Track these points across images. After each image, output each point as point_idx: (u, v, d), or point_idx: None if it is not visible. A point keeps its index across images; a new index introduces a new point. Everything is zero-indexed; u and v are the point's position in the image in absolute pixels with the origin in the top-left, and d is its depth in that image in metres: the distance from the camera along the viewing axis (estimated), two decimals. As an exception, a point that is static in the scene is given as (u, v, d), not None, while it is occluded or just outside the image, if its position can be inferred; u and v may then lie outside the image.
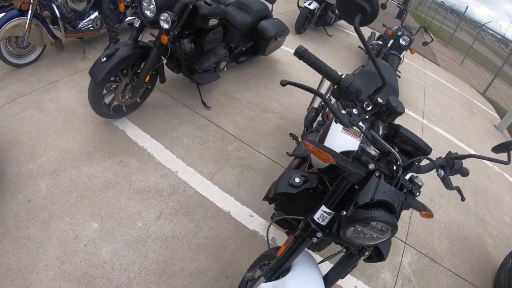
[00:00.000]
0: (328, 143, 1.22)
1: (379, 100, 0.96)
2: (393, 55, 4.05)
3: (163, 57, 2.34)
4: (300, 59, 0.96)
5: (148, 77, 2.25)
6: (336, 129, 1.26)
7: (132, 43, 2.12)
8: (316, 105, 2.27)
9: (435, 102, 4.96)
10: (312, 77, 3.88)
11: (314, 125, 2.27)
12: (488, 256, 2.56)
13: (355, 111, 0.92)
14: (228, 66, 3.10)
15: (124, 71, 2.19)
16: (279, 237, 2.01)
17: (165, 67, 2.55)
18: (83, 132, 2.27)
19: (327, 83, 2.33)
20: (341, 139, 1.21)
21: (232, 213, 2.05)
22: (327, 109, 2.03)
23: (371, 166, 0.93)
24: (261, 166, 2.45)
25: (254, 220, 2.05)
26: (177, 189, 2.08)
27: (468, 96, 6.48)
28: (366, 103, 0.94)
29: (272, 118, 3.00)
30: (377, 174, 0.94)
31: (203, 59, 2.66)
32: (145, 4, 2.09)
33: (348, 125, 0.90)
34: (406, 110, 4.00)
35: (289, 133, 2.26)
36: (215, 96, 3.03)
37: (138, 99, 2.45)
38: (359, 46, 5.31)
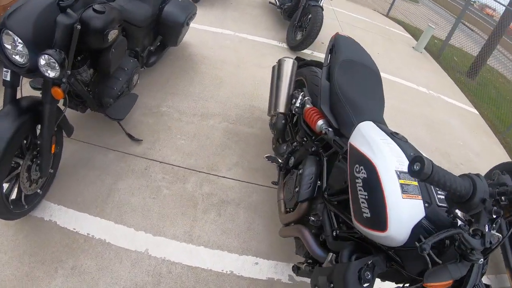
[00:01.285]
0: (392, 218, 0.98)
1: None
2: (315, 7, 3.61)
3: (63, 107, 1.65)
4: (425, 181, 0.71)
5: (53, 146, 1.58)
6: (392, 193, 0.99)
7: (11, 111, 1.40)
8: (282, 109, 2.00)
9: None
10: (233, 54, 3.48)
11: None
12: None
13: (486, 228, 0.74)
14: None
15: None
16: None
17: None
18: (5, 248, 1.57)
19: (283, 97, 2.06)
20: (406, 208, 0.97)
21: (235, 270, 1.79)
22: (302, 112, 1.81)
23: (481, 261, 0.82)
24: (234, 195, 2.15)
25: (262, 266, 1.85)
26: (160, 274, 1.67)
27: (381, 24, 6.90)
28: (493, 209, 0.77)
29: (216, 123, 2.62)
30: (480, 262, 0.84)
31: (111, 84, 2.00)
32: (8, 47, 1.34)
33: (480, 255, 0.73)
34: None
35: (265, 157, 1.98)
36: (138, 120, 2.42)
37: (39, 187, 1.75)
38: (270, 2, 4.87)
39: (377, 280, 1.08)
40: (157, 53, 2.65)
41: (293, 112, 1.91)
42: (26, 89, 1.62)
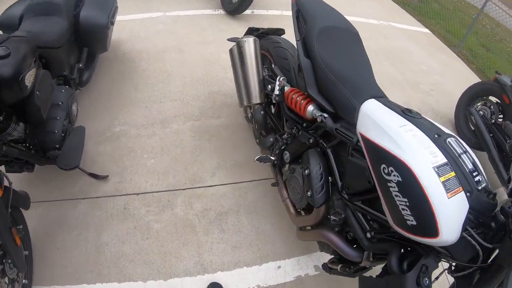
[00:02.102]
0: (442, 222, 0.90)
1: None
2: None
3: (8, 184, 1.34)
4: None
5: (17, 238, 1.30)
6: (437, 196, 0.90)
7: None
8: (257, 99, 1.81)
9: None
10: (170, 38, 3.09)
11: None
12: (439, 111, 3.05)
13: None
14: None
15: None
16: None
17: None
18: None
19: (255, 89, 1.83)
20: (453, 206, 0.91)
21: (261, 282, 1.72)
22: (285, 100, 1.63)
23: None
24: (229, 202, 2.02)
25: (285, 268, 1.80)
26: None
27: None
28: None
29: (180, 126, 2.37)
30: None
31: (50, 128, 1.67)
32: None
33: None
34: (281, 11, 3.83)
35: (256, 159, 1.81)
36: (94, 152, 2.11)
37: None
38: None
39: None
40: (88, 67, 2.25)
41: (273, 101, 1.73)
42: None
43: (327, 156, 1.42)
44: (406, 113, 1.14)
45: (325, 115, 1.39)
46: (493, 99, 2.83)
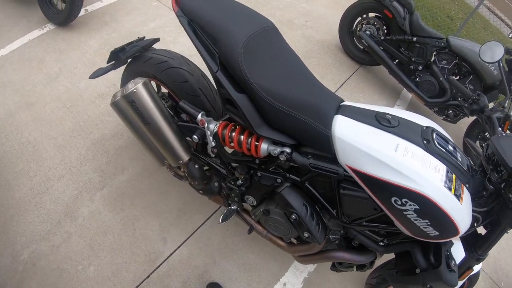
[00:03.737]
0: (459, 222, 0.97)
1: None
2: None
3: None
4: None
5: None
6: (454, 207, 0.95)
7: None
8: (185, 156, 1.46)
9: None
10: (13, 96, 2.32)
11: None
12: (324, 41, 3.00)
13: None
14: None
15: None
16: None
17: None
18: None
19: None
20: (465, 206, 0.98)
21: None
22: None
23: None
24: (200, 258, 1.78)
25: (290, 280, 1.78)
26: None
27: None
28: None
29: (91, 207, 1.91)
30: None
31: None
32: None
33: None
34: None
35: (220, 221, 1.50)
36: None
37: None
38: None
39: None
40: None
41: (211, 154, 1.40)
42: None
43: (305, 189, 1.25)
44: (383, 123, 1.03)
45: (287, 150, 1.16)
46: (372, 14, 2.90)
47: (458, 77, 2.68)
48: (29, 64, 2.52)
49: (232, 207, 1.52)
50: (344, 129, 1.04)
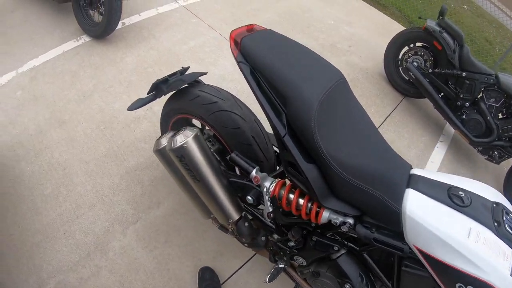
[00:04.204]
0: None
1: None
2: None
3: None
4: None
5: None
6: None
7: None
8: (236, 214, 1.36)
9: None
10: (44, 112, 2.25)
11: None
12: (367, 69, 2.95)
13: None
14: None
15: None
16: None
17: None
18: None
19: None
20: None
21: None
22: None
23: None
24: None
25: None
26: None
27: None
28: None
29: (123, 242, 1.82)
30: None
31: None
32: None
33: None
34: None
35: (268, 280, 1.43)
36: None
37: None
38: None
39: None
40: None
41: (267, 219, 1.32)
42: None
43: (362, 259, 1.19)
44: (456, 202, 0.97)
45: (350, 221, 1.08)
46: (419, 44, 2.84)
47: (506, 116, 2.60)
48: (62, 78, 2.45)
49: (280, 266, 1.44)
50: (416, 208, 0.98)
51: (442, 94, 2.68)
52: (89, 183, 1.99)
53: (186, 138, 1.21)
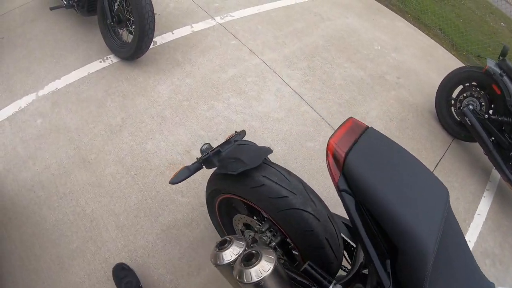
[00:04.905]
0: None
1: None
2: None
3: None
4: None
5: None
6: None
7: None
8: None
9: None
10: (67, 147, 2.03)
11: None
12: (417, 106, 2.81)
13: None
14: None
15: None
16: None
17: None
18: None
19: None
20: None
21: None
22: None
23: None
24: None
25: None
26: None
27: None
28: None
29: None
30: None
31: None
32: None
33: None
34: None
35: None
36: None
37: None
38: (51, 8, 2.64)
39: None
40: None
41: None
42: None
43: None
44: None
45: None
46: (474, 82, 2.67)
47: None
48: (87, 107, 2.21)
49: None
50: None
51: (492, 138, 2.53)
52: (120, 240, 1.80)
53: (263, 273, 1.00)
